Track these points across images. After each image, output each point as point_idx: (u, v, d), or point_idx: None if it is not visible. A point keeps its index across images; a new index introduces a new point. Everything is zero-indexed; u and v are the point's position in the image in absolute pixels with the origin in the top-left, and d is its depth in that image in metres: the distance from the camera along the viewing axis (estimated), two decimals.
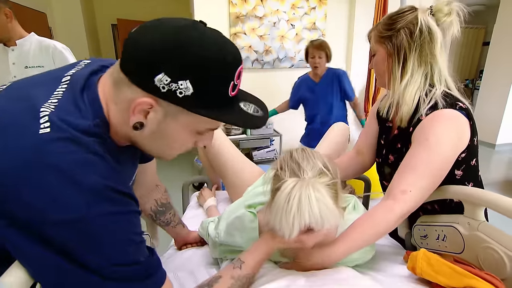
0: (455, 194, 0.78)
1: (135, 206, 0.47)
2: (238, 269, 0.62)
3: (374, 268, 0.80)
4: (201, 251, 0.98)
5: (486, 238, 0.67)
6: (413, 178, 0.73)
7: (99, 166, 0.42)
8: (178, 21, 0.44)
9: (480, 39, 5.18)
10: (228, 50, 0.46)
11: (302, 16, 3.23)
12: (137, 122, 0.45)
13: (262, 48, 3.19)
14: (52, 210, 0.38)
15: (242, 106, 0.50)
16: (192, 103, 0.44)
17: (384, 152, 0.96)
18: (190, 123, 0.48)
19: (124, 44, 0.44)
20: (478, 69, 5.28)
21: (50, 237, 0.38)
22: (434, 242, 0.82)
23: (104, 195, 0.41)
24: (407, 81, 0.80)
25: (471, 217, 0.73)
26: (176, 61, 0.41)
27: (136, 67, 0.43)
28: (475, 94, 4.92)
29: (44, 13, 3.64)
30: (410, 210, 0.72)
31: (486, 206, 0.71)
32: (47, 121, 0.41)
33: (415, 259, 0.68)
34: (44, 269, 0.40)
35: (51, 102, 0.44)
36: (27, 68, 1.64)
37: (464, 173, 0.80)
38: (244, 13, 3.03)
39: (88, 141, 0.42)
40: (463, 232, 0.73)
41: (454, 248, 0.76)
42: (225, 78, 0.45)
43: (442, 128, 0.74)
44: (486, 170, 3.53)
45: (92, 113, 0.45)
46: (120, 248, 0.43)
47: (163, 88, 0.42)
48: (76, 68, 0.52)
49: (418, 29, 0.76)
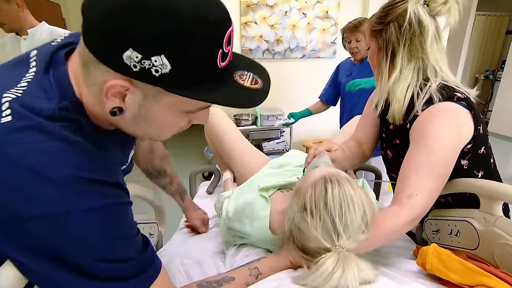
0: (470, 187, 0.74)
1: (122, 197, 0.43)
2: (254, 277, 0.60)
3: (382, 263, 0.78)
4: (209, 239, 0.98)
5: (503, 234, 0.64)
6: (418, 182, 0.69)
7: (69, 155, 0.37)
8: None
9: (503, 28, 4.91)
10: (210, 7, 0.36)
11: (315, 4, 3.13)
12: (114, 107, 0.39)
13: (273, 37, 3.13)
14: (26, 206, 0.35)
15: (237, 78, 0.42)
16: (172, 82, 0.36)
17: (384, 146, 0.94)
18: (175, 104, 0.40)
19: (82, 13, 0.36)
20: (500, 59, 5.03)
21: (30, 237, 0.35)
22: (446, 237, 0.79)
23: (83, 188, 0.37)
24: (396, 77, 0.77)
25: (487, 212, 0.69)
26: (143, 31, 0.33)
27: (99, 43, 0.35)
28: (495, 85, 4.71)
29: (58, 4, 3.68)
30: (419, 215, 0.68)
31: (503, 200, 0.67)
32: (8, 108, 0.36)
33: (425, 254, 0.65)
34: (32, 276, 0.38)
35: (19, 86, 0.39)
36: None
37: (470, 162, 0.76)
38: (255, 2, 2.97)
39: (53, 127, 0.37)
40: (478, 227, 0.70)
41: (468, 244, 0.72)
42: (210, 46, 0.37)
43: (440, 124, 0.70)
44: (506, 164, 3.40)
45: (59, 94, 0.39)
46: (103, 244, 0.39)
47: (134, 67, 0.35)
48: (50, 44, 0.46)
49: (407, 22, 0.73)
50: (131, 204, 0.45)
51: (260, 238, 0.79)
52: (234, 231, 0.83)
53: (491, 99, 4.86)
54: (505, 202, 0.66)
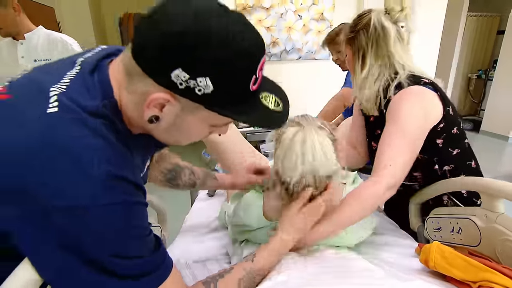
0: (472, 185, 0.75)
1: (141, 197, 0.45)
2: (250, 262, 0.61)
3: (385, 261, 0.79)
4: (213, 241, 0.98)
5: (504, 230, 0.65)
6: (391, 154, 0.78)
7: (108, 152, 0.40)
8: (196, 4, 0.39)
9: (494, 28, 4.99)
10: (252, 39, 0.42)
11: (310, 6, 3.16)
12: (153, 115, 0.43)
13: (269, 40, 3.14)
14: (57, 196, 0.37)
15: (263, 100, 0.47)
16: (211, 101, 0.41)
17: (368, 140, 1.03)
18: (208, 118, 0.46)
19: (136, 30, 0.40)
20: (491, 59, 5.12)
21: (52, 226, 0.37)
22: (448, 235, 0.80)
23: (111, 184, 0.40)
24: (365, 75, 0.89)
25: (488, 209, 0.70)
26: (195, 56, 0.38)
27: (151, 60, 0.39)
28: (488, 84, 4.78)
29: (52, 7, 3.65)
30: (395, 183, 0.76)
31: (504, 198, 0.69)
32: (56, 100, 0.40)
33: (428, 251, 0.66)
34: (47, 266, 0.39)
35: (62, 82, 0.43)
36: (36, 61, 1.64)
37: (445, 141, 0.87)
38: (250, 4, 2.99)
39: (95, 123, 0.40)
40: (480, 224, 0.71)
41: (469, 241, 0.74)
42: (247, 72, 0.42)
43: (409, 104, 0.81)
44: (499, 163, 3.46)
45: (101, 94, 0.43)
46: (122, 239, 0.41)
47: (180, 84, 0.39)
48: (92, 52, 0.51)
49: (372, 27, 0.86)
50: (147, 205, 0.47)
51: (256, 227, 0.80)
52: (236, 227, 0.84)
53: (483, 98, 4.94)
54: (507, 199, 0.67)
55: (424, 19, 3.38)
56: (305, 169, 0.63)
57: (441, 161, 0.89)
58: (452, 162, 0.89)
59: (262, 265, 0.61)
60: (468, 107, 5.39)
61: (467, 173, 0.90)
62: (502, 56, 4.12)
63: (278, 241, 0.65)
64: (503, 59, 4.10)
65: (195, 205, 1.29)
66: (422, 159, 0.88)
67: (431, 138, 0.84)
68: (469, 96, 5.29)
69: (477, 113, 5.14)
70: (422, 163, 0.89)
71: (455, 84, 5.09)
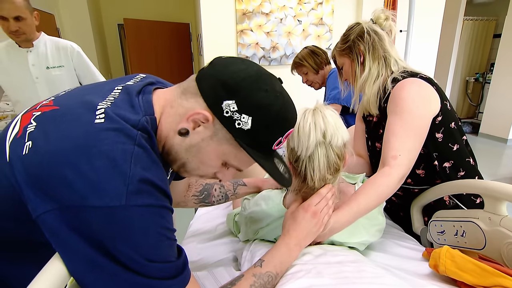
0: (474, 188, 0.77)
1: (168, 203, 0.48)
2: (258, 267, 0.62)
3: (392, 265, 0.79)
4: (218, 247, 0.98)
5: (509, 233, 0.66)
6: (398, 143, 0.81)
7: (144, 159, 0.44)
8: (268, 73, 0.50)
9: (490, 32, 5.05)
10: (292, 112, 0.50)
11: (309, 11, 3.19)
12: (185, 129, 0.48)
13: (269, 44, 3.17)
14: (93, 195, 0.39)
15: (275, 163, 0.54)
16: (242, 137, 0.47)
17: (370, 143, 1.05)
18: (228, 153, 0.50)
19: (213, 61, 0.49)
20: (488, 62, 5.16)
21: (86, 223, 0.39)
22: (452, 238, 0.81)
23: (144, 188, 0.42)
24: (365, 77, 0.95)
25: (492, 212, 0.71)
26: (251, 98, 0.45)
27: (211, 83, 0.46)
28: (485, 88, 4.82)
29: (52, 14, 3.67)
30: (406, 172, 0.80)
31: (507, 200, 0.70)
32: (103, 113, 0.44)
33: (438, 256, 0.66)
34: (77, 261, 0.41)
35: (108, 99, 0.48)
36: (48, 68, 1.64)
37: (444, 136, 0.90)
38: (250, 10, 3.02)
39: (135, 134, 0.44)
40: (483, 227, 0.72)
41: (474, 244, 0.75)
42: (278, 132, 0.49)
43: (408, 92, 0.85)
44: (498, 165, 3.47)
45: (144, 111, 0.48)
46: (153, 242, 0.44)
47: (226, 112, 0.45)
48: (133, 80, 0.56)
49: (366, 33, 0.93)
50: (173, 212, 0.49)
51: (277, 217, 0.81)
52: (252, 224, 0.85)
53: (481, 101, 4.97)
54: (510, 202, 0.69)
55: (422, 24, 3.42)
56: (318, 137, 0.67)
57: (441, 157, 0.90)
58: (452, 158, 0.91)
59: (271, 269, 0.62)
60: (466, 110, 5.42)
61: (466, 170, 0.92)
62: (499, 59, 4.17)
63: (283, 245, 0.66)
64: (500, 62, 4.15)
65: (199, 210, 1.29)
66: (423, 152, 0.89)
67: (430, 132, 0.86)
68: (467, 99, 5.33)
69: (476, 115, 5.17)
70: (424, 158, 0.91)
71: (453, 87, 5.13)
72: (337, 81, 1.71)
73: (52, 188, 0.39)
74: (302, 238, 0.68)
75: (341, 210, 0.75)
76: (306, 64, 1.80)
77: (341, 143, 0.70)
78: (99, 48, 4.52)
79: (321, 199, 0.69)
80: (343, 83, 1.10)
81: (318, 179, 0.70)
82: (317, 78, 1.83)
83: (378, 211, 0.84)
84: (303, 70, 1.84)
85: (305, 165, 0.70)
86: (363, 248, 0.85)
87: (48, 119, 0.45)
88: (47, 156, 0.40)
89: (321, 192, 0.70)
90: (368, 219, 0.81)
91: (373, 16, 0.99)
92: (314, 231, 0.69)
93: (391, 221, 1.12)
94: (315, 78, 1.83)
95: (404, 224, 1.06)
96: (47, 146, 0.41)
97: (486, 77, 4.86)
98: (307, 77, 1.86)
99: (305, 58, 1.80)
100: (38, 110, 0.47)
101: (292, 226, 0.68)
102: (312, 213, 0.68)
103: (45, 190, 0.39)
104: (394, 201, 1.11)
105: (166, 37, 4.70)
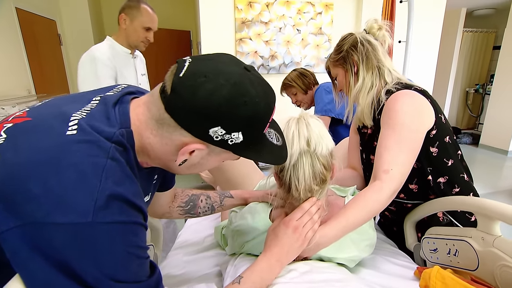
0: (468, 205, 0.74)
1: (142, 219, 0.45)
2: (237, 284, 0.60)
3: (382, 284, 0.76)
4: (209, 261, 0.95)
5: (502, 255, 0.63)
6: (390, 156, 0.78)
7: (117, 173, 0.42)
8: (231, 71, 0.45)
9: (490, 44, 5.07)
10: (272, 97, 0.49)
11: (308, 21, 3.21)
12: (182, 160, 0.48)
13: (268, 53, 3.18)
14: (57, 211, 0.37)
15: (268, 137, 0.53)
16: (238, 148, 0.47)
17: (364, 156, 1.02)
18: (227, 157, 0.51)
19: (175, 89, 0.43)
20: (488, 73, 5.17)
21: (48, 242, 0.37)
22: (445, 257, 0.78)
23: (114, 204, 0.40)
24: (359, 87, 0.93)
25: (485, 231, 0.68)
26: (235, 117, 0.44)
27: (191, 117, 0.44)
28: (485, 99, 4.81)
29: (54, 20, 3.70)
30: (398, 187, 0.77)
31: (501, 220, 0.67)
32: (76, 124, 0.42)
33: (428, 277, 0.64)
34: (37, 283, 0.38)
35: (83, 110, 0.46)
36: (143, 75, 1.69)
37: (439, 150, 0.87)
38: (249, 19, 3.03)
39: (109, 146, 0.42)
40: (476, 247, 0.69)
41: (467, 265, 0.71)
42: (266, 123, 0.49)
43: (401, 104, 0.83)
44: (499, 177, 3.43)
45: (120, 123, 0.46)
46: (122, 261, 0.41)
47: (216, 138, 0.45)
48: (113, 90, 0.54)
49: (360, 43, 0.92)
50: (147, 229, 0.47)
51: (263, 231, 0.79)
52: (238, 237, 0.83)
53: (481, 112, 4.95)
54: (503, 222, 0.66)
55: (421, 34, 3.43)
56: (301, 145, 0.66)
57: (435, 172, 0.88)
58: (446, 174, 0.88)
59: (249, 286, 0.60)
60: (466, 121, 5.40)
61: (461, 186, 0.89)
62: (498, 71, 4.17)
63: (264, 261, 0.64)
64: (500, 74, 4.15)
65: (189, 220, 1.27)
66: (417, 167, 0.87)
67: (424, 146, 0.84)
68: (467, 110, 5.31)
69: (476, 126, 5.14)
70: (417, 173, 0.88)
71: (453, 97, 5.12)
72: (323, 94, 1.78)
73: (17, 203, 0.37)
74: (284, 255, 0.65)
75: (328, 224, 0.72)
76: (295, 85, 1.89)
77: (326, 152, 0.69)
78: None
79: (303, 214, 0.67)
80: (338, 94, 1.08)
81: (304, 190, 0.68)
82: (306, 98, 1.92)
83: (369, 225, 0.81)
84: (292, 91, 1.92)
85: (289, 175, 0.68)
86: (353, 265, 0.82)
87: (19, 131, 0.43)
88: (14, 169, 0.38)
89: (303, 206, 0.68)
90: (358, 234, 0.78)
91: (366, 26, 0.98)
92: (296, 246, 0.66)
93: (384, 236, 1.09)
94: (304, 98, 1.92)
95: (398, 240, 1.03)
96: (15, 158, 0.39)
97: (486, 88, 4.86)
98: (296, 98, 1.94)
99: (294, 80, 1.90)
100: (9, 122, 0.45)
101: (273, 241, 0.66)
102: (293, 228, 0.66)
103: (10, 205, 0.37)
104: (387, 216, 1.08)
105: (167, 44, 4.72)
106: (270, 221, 0.79)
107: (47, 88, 3.36)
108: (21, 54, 2.97)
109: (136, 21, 1.52)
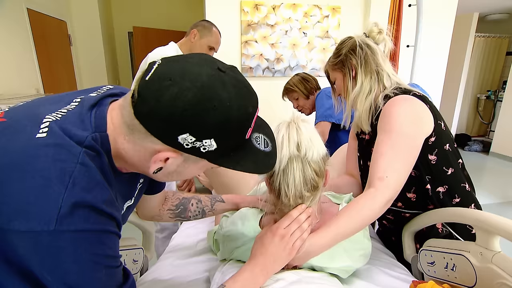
0: (465, 218, 0.70)
1: (113, 227, 0.44)
2: None
3: None
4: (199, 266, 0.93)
5: (501, 272, 0.59)
6: (386, 163, 0.75)
7: (85, 179, 0.40)
8: (199, 72, 0.41)
9: (503, 49, 4.94)
10: (249, 100, 0.45)
11: (315, 24, 3.18)
12: (157, 168, 0.46)
13: (273, 56, 3.16)
14: (19, 218, 0.35)
15: (255, 143, 0.50)
16: (214, 156, 0.44)
17: (362, 163, 0.99)
18: (206, 165, 0.48)
19: (141, 93, 0.41)
20: (501, 80, 5.03)
21: (12, 249, 0.35)
22: (442, 271, 0.74)
23: (80, 211, 0.38)
24: (357, 91, 0.90)
25: (484, 246, 0.65)
26: (203, 123, 0.41)
27: (157, 124, 0.41)
28: (497, 106, 4.68)
29: (64, 21, 3.77)
30: (393, 195, 0.74)
31: (501, 236, 0.63)
32: (46, 127, 0.41)
33: None
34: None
35: (59, 112, 0.44)
36: None
37: (438, 157, 0.84)
38: (255, 21, 3.02)
39: (79, 151, 0.40)
40: (474, 263, 0.65)
41: (464, 280, 0.68)
42: (245, 127, 0.46)
43: (399, 110, 0.80)
44: (510, 187, 3.32)
45: (94, 128, 0.44)
46: (87, 271, 0.39)
47: (186, 145, 0.42)
48: (96, 91, 0.52)
49: (358, 47, 0.90)
50: (120, 237, 0.46)
51: (252, 237, 0.76)
52: (228, 242, 0.81)
53: (493, 119, 4.82)
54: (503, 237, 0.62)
55: (431, 39, 3.37)
56: (291, 150, 0.64)
57: (434, 181, 0.84)
58: (446, 183, 0.85)
59: None
60: (477, 128, 5.27)
61: (462, 197, 0.85)
62: (511, 78, 4.05)
63: (248, 270, 0.62)
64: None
65: (184, 223, 1.25)
66: (415, 175, 0.84)
67: (422, 153, 0.81)
68: (478, 117, 5.18)
69: (487, 133, 5.01)
70: (415, 181, 0.85)
71: (464, 103, 5.00)
72: (324, 99, 1.76)
73: None
74: (270, 264, 0.63)
75: (319, 232, 0.70)
76: (296, 90, 1.87)
77: (318, 158, 0.66)
78: (109, 56, 4.61)
79: (291, 221, 0.65)
80: (337, 98, 1.06)
81: (294, 196, 0.66)
82: (308, 104, 1.90)
83: (363, 234, 0.79)
84: (294, 95, 1.91)
85: (279, 180, 0.66)
86: (346, 276, 0.79)
87: None
88: None
89: (292, 214, 0.66)
90: (351, 242, 0.75)
91: (366, 29, 0.95)
92: (283, 255, 0.64)
93: (382, 245, 1.05)
94: (306, 103, 1.90)
95: (396, 250, 0.99)
96: None
97: (498, 95, 4.73)
98: (298, 102, 1.92)
99: (295, 84, 1.88)
100: None
101: (259, 250, 0.64)
102: (280, 237, 0.63)
103: None
104: (385, 225, 1.05)
105: None
106: (260, 227, 0.77)
107: (55, 87, 3.41)
108: (31, 54, 3.03)
109: (204, 39, 1.72)
